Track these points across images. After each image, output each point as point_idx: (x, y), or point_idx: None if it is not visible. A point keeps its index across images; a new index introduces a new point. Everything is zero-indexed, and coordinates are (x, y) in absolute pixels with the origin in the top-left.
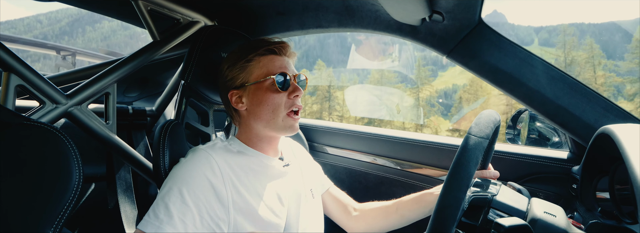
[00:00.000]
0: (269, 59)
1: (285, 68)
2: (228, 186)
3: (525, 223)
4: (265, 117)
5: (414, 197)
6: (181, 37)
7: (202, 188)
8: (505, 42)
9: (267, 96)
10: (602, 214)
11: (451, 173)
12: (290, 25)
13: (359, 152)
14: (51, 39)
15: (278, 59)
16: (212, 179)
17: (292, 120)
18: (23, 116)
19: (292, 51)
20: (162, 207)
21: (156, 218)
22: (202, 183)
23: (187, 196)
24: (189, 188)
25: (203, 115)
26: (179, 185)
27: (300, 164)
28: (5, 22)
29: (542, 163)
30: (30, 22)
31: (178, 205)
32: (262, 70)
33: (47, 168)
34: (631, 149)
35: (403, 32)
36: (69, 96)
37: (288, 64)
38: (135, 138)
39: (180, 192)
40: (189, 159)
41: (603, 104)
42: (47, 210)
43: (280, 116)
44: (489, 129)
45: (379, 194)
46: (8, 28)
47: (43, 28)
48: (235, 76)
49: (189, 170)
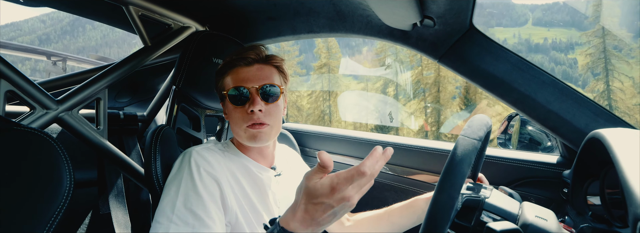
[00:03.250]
0: (234, 72)
1: (245, 81)
2: (225, 182)
3: (517, 228)
4: (234, 130)
5: (404, 204)
6: (172, 43)
7: (208, 182)
8: (496, 47)
9: (230, 109)
10: (593, 218)
11: (445, 172)
12: (282, 30)
13: (350, 157)
14: (54, 39)
15: (242, 71)
16: (212, 172)
17: (252, 130)
18: (13, 122)
19: (269, 54)
20: (185, 210)
21: (186, 224)
22: (206, 178)
23: (202, 192)
24: (200, 184)
25: (194, 120)
26: (188, 187)
27: (293, 174)
28: (11, 24)
29: (533, 167)
30: (34, 22)
31: (199, 205)
32: (228, 83)
33: (37, 174)
34: (621, 153)
35: (394, 37)
36: (60, 102)
37: (253, 74)
38: (126, 144)
39: (195, 191)
40: (184, 160)
41: (593, 109)
42: (38, 216)
43: (242, 129)
44: (481, 132)
45: (370, 199)
46: (14, 30)
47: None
48: (218, 82)
49: (190, 169)
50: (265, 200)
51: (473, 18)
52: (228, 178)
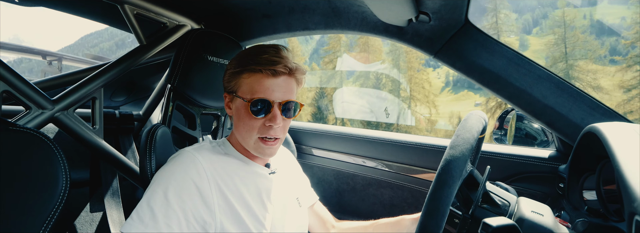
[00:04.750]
0: (257, 78)
1: (270, 93)
2: (213, 189)
3: (513, 223)
4: (241, 134)
5: (390, 221)
6: (168, 41)
7: (187, 191)
8: (491, 42)
9: (244, 114)
10: (589, 212)
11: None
12: (277, 27)
13: (346, 154)
14: (128, 44)
15: (267, 81)
16: (198, 181)
17: (264, 146)
18: (9, 122)
19: (295, 65)
20: (146, 210)
21: (141, 221)
22: (188, 186)
23: (173, 199)
24: (174, 191)
25: (190, 118)
26: (164, 188)
27: (287, 172)
28: (95, 32)
29: (529, 162)
30: (113, 30)
31: (163, 208)
32: (246, 87)
33: (33, 174)
34: (617, 147)
35: (390, 33)
36: (55, 101)
37: (278, 87)
38: (122, 143)
39: (165, 195)
40: (174, 161)
41: (589, 103)
42: (35, 216)
43: (252, 139)
44: (476, 129)
45: (366, 196)
46: (96, 37)
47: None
48: (229, 80)
49: (174, 173)
50: (259, 198)
51: (468, 13)
52: (217, 182)
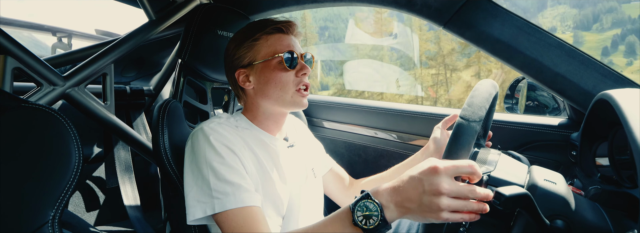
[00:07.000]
0: (276, 38)
1: (292, 47)
2: (245, 152)
3: (526, 192)
4: (274, 95)
5: (406, 162)
6: (177, 16)
7: (225, 152)
8: (501, 11)
9: (275, 74)
10: (601, 180)
11: (451, 141)
12: (286, 1)
13: (357, 125)
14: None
15: (285, 38)
16: (230, 145)
17: (301, 96)
18: (21, 99)
19: (299, 30)
20: (221, 183)
21: (226, 195)
22: (223, 150)
23: (231, 161)
24: (214, 154)
25: (201, 93)
26: (203, 157)
27: (303, 144)
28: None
29: (541, 130)
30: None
31: (232, 174)
32: (269, 49)
33: (46, 150)
34: (630, 113)
35: (398, 4)
36: (67, 78)
37: (294, 42)
38: (133, 118)
39: (222, 163)
40: (198, 136)
41: (601, 70)
42: (48, 192)
43: (289, 93)
44: (486, 99)
45: (378, 167)
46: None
47: None
48: (242, 55)
49: (205, 144)
50: (279, 170)
51: None
52: (243, 150)
